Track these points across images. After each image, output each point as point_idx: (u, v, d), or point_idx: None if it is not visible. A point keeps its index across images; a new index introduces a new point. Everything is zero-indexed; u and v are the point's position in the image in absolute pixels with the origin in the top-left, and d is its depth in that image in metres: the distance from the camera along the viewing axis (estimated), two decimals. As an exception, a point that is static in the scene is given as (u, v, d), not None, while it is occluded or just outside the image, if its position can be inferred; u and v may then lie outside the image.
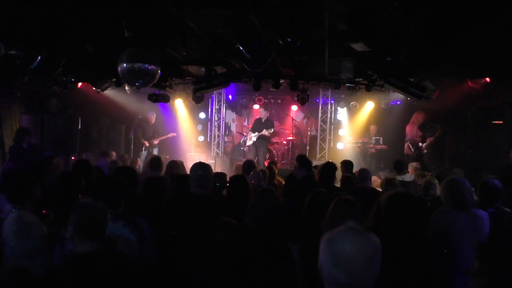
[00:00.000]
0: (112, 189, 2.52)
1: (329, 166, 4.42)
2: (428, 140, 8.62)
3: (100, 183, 2.63)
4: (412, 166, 6.41)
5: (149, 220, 2.68)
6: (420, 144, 8.46)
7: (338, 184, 4.56)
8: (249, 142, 9.45)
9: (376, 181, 6.16)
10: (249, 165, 5.20)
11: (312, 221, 2.85)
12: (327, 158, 10.60)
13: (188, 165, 8.97)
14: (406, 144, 8.65)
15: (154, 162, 4.96)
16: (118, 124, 10.44)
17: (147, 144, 9.48)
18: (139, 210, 3.03)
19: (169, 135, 9.86)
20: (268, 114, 9.82)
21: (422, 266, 2.07)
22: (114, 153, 7.83)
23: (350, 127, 10.91)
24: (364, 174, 4.48)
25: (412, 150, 8.50)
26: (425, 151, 8.55)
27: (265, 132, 9.26)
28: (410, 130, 8.57)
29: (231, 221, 2.32)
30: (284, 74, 7.56)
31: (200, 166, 3.05)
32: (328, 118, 11.10)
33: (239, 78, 7.30)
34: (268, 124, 9.58)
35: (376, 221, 2.25)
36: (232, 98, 11.72)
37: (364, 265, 1.28)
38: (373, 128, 10.05)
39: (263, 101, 11.42)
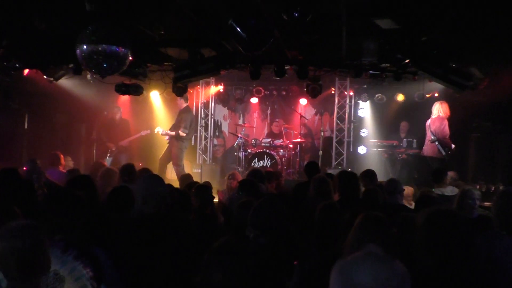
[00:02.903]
0: (64, 207, 2.50)
1: (349, 176, 4.53)
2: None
3: (47, 200, 2.65)
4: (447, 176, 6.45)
5: (114, 249, 2.69)
6: (453, 146, 8.44)
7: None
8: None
9: (408, 195, 6.18)
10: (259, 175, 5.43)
11: (324, 241, 2.91)
12: (345, 166, 10.68)
13: (167, 176, 8.78)
14: (431, 144, 8.54)
15: (126, 171, 5.04)
16: (77, 123, 10.42)
17: (113, 147, 9.57)
18: (101, 235, 3.08)
19: (141, 133, 9.97)
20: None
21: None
22: (70, 160, 7.84)
23: (374, 127, 11.00)
24: (393, 186, 4.56)
25: (443, 153, 8.41)
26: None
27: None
28: (438, 126, 8.47)
29: (232, 240, 2.38)
30: (290, 59, 7.63)
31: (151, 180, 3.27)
32: (347, 114, 11.13)
33: (232, 64, 7.37)
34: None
35: (408, 247, 2.26)
36: (223, 89, 11.81)
37: None
38: (404, 126, 10.12)
39: (263, 93, 11.47)
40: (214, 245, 2.19)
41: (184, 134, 9.09)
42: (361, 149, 11.02)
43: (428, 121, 8.53)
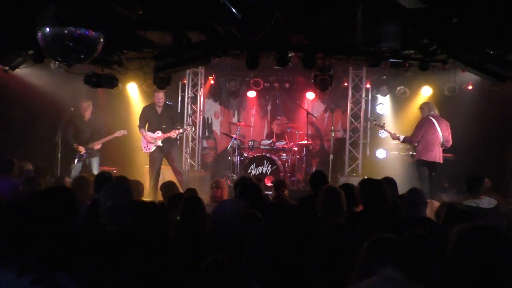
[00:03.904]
0: (19, 223, 2.54)
1: (373, 184, 4.60)
2: None
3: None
4: None
5: (79, 273, 2.73)
6: None
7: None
8: (147, 150, 9.57)
9: (434, 207, 6.19)
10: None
11: (331, 265, 2.99)
12: (360, 174, 10.69)
13: (147, 185, 8.63)
14: (439, 149, 8.57)
15: (101, 180, 5.09)
16: (38, 121, 10.35)
17: (82, 150, 9.58)
18: (66, 256, 3.09)
19: (115, 134, 9.94)
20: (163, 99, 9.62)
21: None
22: (30, 166, 7.74)
23: (396, 125, 10.98)
24: (415, 196, 4.58)
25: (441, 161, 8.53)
26: None
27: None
28: (449, 131, 8.57)
29: (223, 262, 2.44)
30: (294, 45, 7.63)
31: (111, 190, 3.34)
32: (363, 111, 11.13)
33: (225, 51, 7.35)
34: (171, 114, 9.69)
35: (438, 268, 2.29)
36: (214, 81, 11.79)
37: None
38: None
39: (262, 86, 11.55)
40: (201, 267, 2.22)
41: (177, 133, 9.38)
42: (380, 153, 11.11)
43: (434, 120, 8.51)
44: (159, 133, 9.33)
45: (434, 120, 8.46)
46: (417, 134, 8.51)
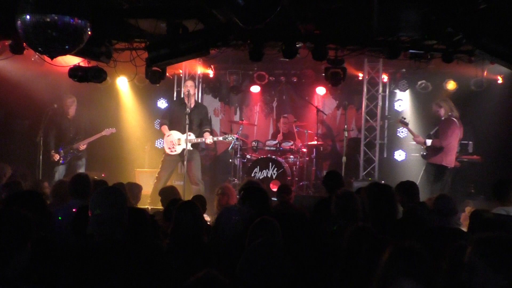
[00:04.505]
0: None
1: (381, 190, 4.56)
2: None
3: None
4: None
5: None
6: None
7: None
8: (172, 151, 9.48)
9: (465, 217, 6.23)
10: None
11: (354, 276, 3.00)
12: (377, 177, 10.77)
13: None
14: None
15: (79, 184, 5.11)
16: (16, 119, 10.41)
17: (56, 158, 9.60)
18: (43, 271, 3.15)
19: (103, 133, 9.96)
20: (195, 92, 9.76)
21: None
22: (9, 169, 7.82)
23: (416, 124, 10.93)
24: (445, 204, 4.57)
25: None
26: None
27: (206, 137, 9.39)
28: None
29: (217, 277, 2.44)
30: (303, 34, 7.61)
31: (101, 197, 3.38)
32: (379, 108, 11.16)
33: (225, 41, 7.37)
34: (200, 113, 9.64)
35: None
36: (214, 74, 11.79)
37: None
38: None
39: (266, 80, 11.54)
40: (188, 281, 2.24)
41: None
42: (399, 155, 11.15)
43: (457, 122, 8.59)
44: (190, 135, 9.15)
45: (457, 123, 8.55)
46: (448, 137, 8.58)
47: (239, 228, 4.38)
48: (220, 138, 9.79)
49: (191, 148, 9.21)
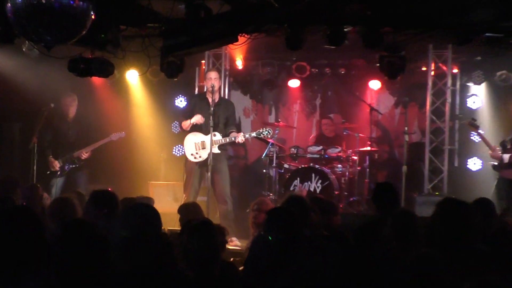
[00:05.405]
0: None
1: (458, 209, 4.48)
2: None
3: None
4: None
5: None
6: None
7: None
8: (196, 158, 9.32)
9: None
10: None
11: None
12: (446, 192, 10.59)
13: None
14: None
15: (100, 197, 5.40)
16: (6, 122, 10.61)
17: (57, 166, 9.70)
18: None
19: (111, 138, 10.06)
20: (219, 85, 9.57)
21: None
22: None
23: (495, 125, 10.99)
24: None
25: None
26: None
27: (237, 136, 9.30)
28: None
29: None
30: (351, 15, 7.70)
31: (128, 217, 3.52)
32: (448, 105, 11.01)
33: (257, 25, 7.53)
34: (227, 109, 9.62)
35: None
36: (243, 66, 11.78)
37: None
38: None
39: (307, 72, 11.46)
40: None
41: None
42: (473, 163, 11.11)
43: None
44: (216, 135, 9.08)
45: None
46: None
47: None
48: (254, 134, 9.64)
49: (218, 151, 9.12)
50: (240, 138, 9.12)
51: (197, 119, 9.03)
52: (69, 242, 3.71)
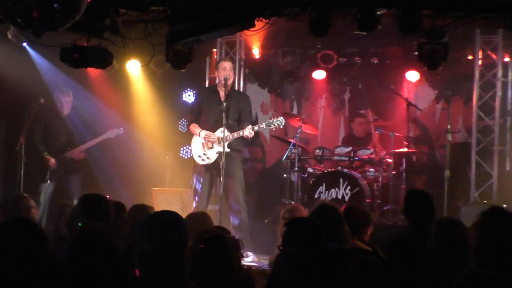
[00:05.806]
0: None
1: (505, 220, 4.49)
2: None
3: None
4: None
5: None
6: None
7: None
8: (204, 159, 9.30)
9: None
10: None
11: None
12: (495, 200, 10.53)
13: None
14: None
15: (93, 203, 5.43)
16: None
17: (53, 164, 9.80)
18: None
19: (107, 135, 10.23)
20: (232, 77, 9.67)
21: None
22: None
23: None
24: None
25: None
26: None
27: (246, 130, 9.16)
28: None
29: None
30: None
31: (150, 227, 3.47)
32: (498, 101, 10.94)
33: (276, 9, 7.67)
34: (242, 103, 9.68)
35: None
36: (261, 55, 11.80)
37: None
38: None
39: (335, 62, 11.45)
40: None
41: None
42: None
43: None
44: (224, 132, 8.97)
45: None
46: None
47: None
48: (263, 125, 9.44)
49: (228, 150, 8.90)
50: (248, 131, 8.90)
51: (206, 134, 9.06)
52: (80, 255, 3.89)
